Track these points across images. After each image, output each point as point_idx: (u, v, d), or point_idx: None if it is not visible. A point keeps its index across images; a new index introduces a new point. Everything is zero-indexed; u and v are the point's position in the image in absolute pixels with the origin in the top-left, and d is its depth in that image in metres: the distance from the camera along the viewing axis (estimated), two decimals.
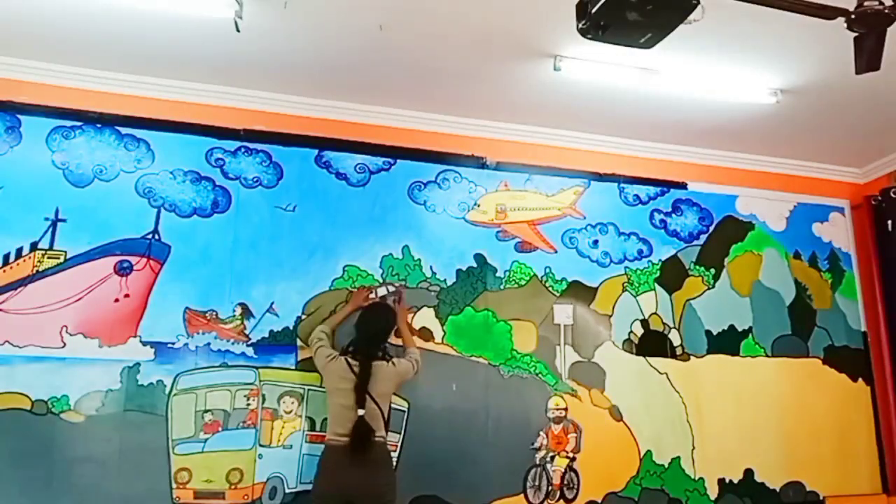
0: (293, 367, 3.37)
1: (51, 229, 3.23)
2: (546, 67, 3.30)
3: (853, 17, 2.20)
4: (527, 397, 3.67)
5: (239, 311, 3.36)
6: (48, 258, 3.20)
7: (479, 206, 3.85)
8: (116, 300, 3.23)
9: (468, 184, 3.88)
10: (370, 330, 3.23)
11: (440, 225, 3.78)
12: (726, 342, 4.10)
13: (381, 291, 3.53)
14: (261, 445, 3.23)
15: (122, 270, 3.26)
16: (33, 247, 3.19)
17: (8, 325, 3.08)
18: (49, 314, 3.14)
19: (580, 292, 3.91)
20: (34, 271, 3.17)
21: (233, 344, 3.31)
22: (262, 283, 3.43)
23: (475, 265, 3.77)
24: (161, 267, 3.32)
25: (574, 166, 4.06)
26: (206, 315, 3.31)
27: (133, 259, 3.30)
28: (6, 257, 3.15)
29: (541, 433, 3.64)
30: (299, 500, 3.22)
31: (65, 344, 3.11)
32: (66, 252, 3.22)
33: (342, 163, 3.70)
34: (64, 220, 3.25)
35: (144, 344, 3.20)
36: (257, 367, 3.31)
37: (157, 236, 3.35)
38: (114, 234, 3.29)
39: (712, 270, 4.20)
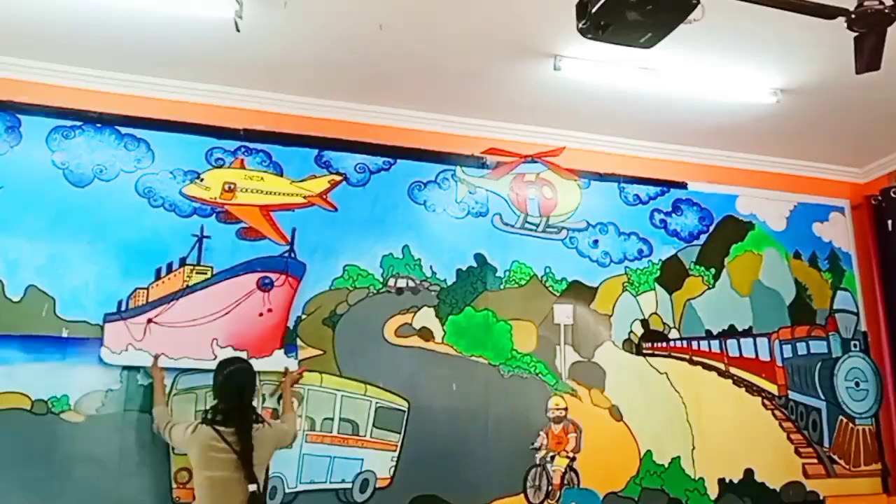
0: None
1: (197, 245, 3.32)
2: (546, 67, 3.30)
3: (853, 16, 2.20)
4: (527, 397, 3.67)
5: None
6: (197, 273, 3.30)
7: (202, 180, 3.48)
8: (261, 314, 3.32)
9: (467, 184, 3.88)
10: (243, 389, 2.87)
11: (440, 225, 3.77)
12: None
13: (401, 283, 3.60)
14: None
15: (265, 286, 3.35)
16: (182, 262, 3.29)
17: (162, 337, 3.16)
18: (199, 327, 3.23)
19: (580, 292, 3.91)
20: (185, 286, 3.26)
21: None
22: None
23: (475, 265, 3.77)
24: (299, 283, 3.42)
25: (573, 165, 4.07)
26: None
27: (273, 276, 3.38)
28: (158, 272, 3.26)
29: (541, 433, 3.64)
30: (299, 500, 3.23)
31: (216, 356, 3.15)
32: (212, 267, 3.32)
33: (342, 163, 3.70)
34: (209, 237, 3.35)
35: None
36: (258, 371, 3.30)
37: (293, 254, 3.45)
38: (115, 233, 3.28)
39: (712, 270, 4.19)
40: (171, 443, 2.93)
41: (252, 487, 2.68)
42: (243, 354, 3.19)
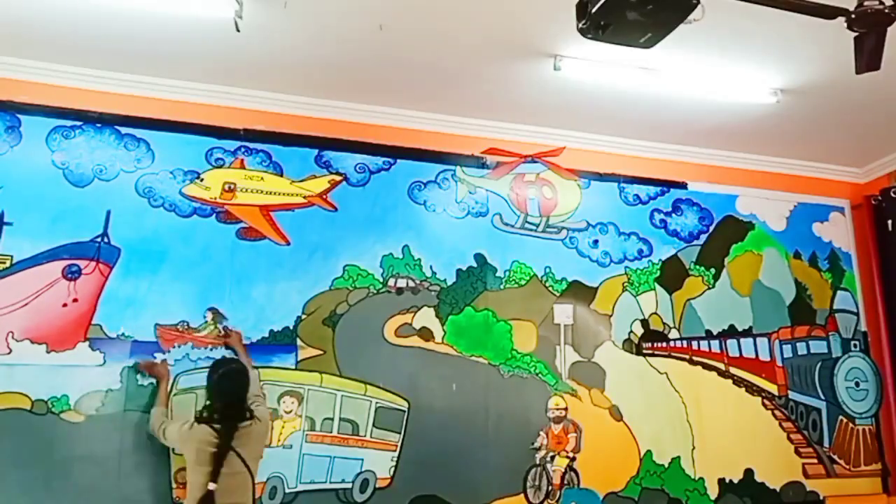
0: (293, 367, 3.37)
1: None
2: (546, 67, 3.30)
3: (853, 16, 2.20)
4: (527, 397, 3.67)
5: (210, 316, 3.30)
6: None
7: (202, 180, 3.47)
8: (65, 305, 3.15)
9: (467, 184, 3.88)
10: (233, 390, 2.91)
11: (440, 225, 3.78)
12: None
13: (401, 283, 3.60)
14: None
15: (71, 275, 3.17)
16: None
17: None
18: None
19: (580, 292, 3.91)
20: None
21: (211, 350, 3.26)
22: (262, 283, 3.43)
23: (475, 265, 3.77)
24: (110, 270, 3.24)
25: (573, 165, 4.07)
26: (178, 328, 3.24)
27: (82, 263, 3.21)
28: None
29: (541, 433, 3.64)
30: (299, 500, 3.23)
31: (10, 350, 3.02)
32: (11, 256, 3.13)
33: (342, 163, 3.70)
34: (10, 224, 3.15)
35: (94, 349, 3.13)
36: (257, 367, 3.30)
37: (106, 239, 3.27)
38: (116, 234, 3.28)
39: (712, 270, 4.19)
40: (166, 442, 2.93)
41: (212, 486, 2.67)
42: (42, 348, 3.05)
